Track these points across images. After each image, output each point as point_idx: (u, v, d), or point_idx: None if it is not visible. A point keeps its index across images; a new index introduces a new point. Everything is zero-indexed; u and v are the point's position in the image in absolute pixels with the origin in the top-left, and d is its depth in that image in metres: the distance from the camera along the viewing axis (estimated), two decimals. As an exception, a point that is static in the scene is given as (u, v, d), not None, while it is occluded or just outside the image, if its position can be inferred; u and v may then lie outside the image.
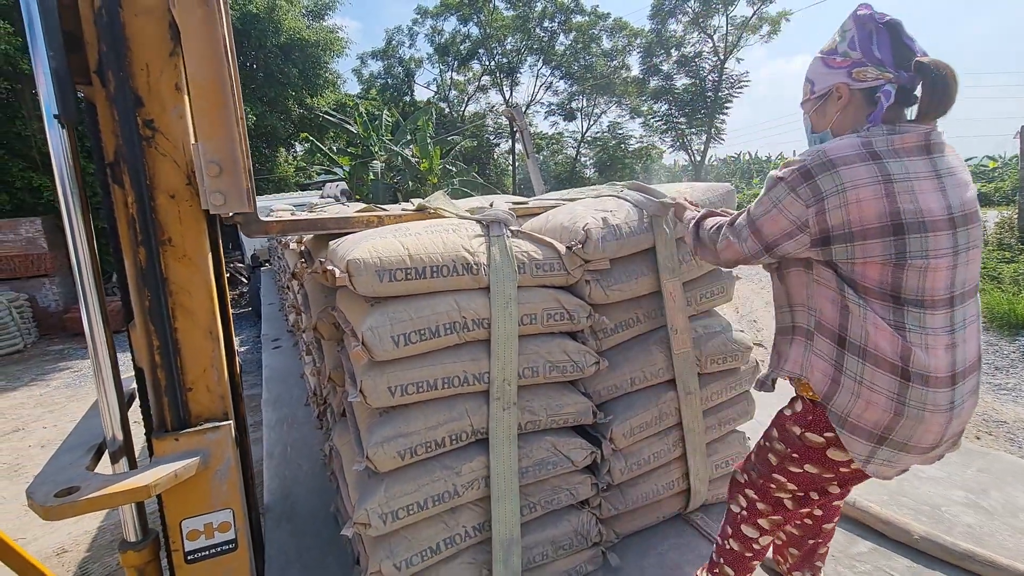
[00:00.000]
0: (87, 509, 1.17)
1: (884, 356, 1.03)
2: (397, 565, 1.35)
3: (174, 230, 1.28)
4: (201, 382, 1.37)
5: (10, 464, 5.18)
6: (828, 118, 1.17)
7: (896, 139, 1.03)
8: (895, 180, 1.00)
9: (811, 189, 1.04)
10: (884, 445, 1.07)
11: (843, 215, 1.01)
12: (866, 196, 0.99)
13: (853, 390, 1.07)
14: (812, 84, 1.19)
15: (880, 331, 1.03)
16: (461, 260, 1.42)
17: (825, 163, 1.02)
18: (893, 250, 1.00)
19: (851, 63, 1.10)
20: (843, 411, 1.09)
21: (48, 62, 1.13)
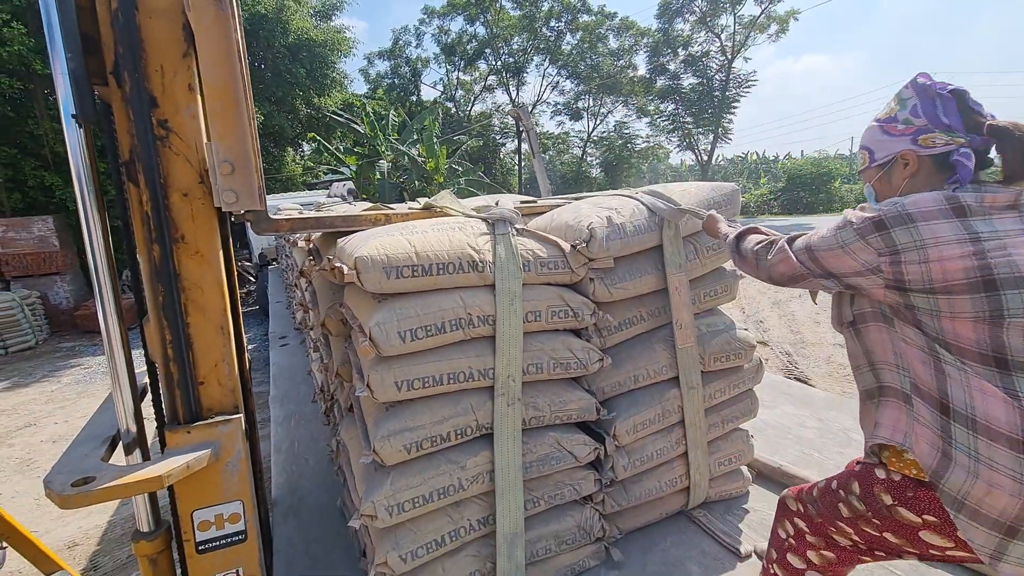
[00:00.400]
0: (102, 498, 1.20)
1: (1000, 428, 0.90)
2: (403, 557, 1.38)
3: (187, 228, 1.31)
4: (212, 376, 1.40)
5: (22, 459, 5.26)
6: (895, 186, 1.13)
7: (987, 197, 0.97)
8: (983, 239, 0.93)
9: (884, 240, 0.98)
10: (1017, 540, 0.90)
11: (922, 272, 0.95)
12: (950, 254, 0.93)
13: (968, 467, 0.93)
14: (871, 152, 1.16)
15: (990, 397, 0.91)
16: (467, 258, 1.44)
17: (902, 216, 0.96)
18: (987, 307, 0.91)
19: (915, 130, 1.08)
20: (959, 492, 0.93)
21: (66, 63, 1.17)
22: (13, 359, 8.55)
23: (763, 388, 2.66)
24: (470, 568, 1.50)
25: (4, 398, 6.90)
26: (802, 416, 2.79)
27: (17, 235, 9.41)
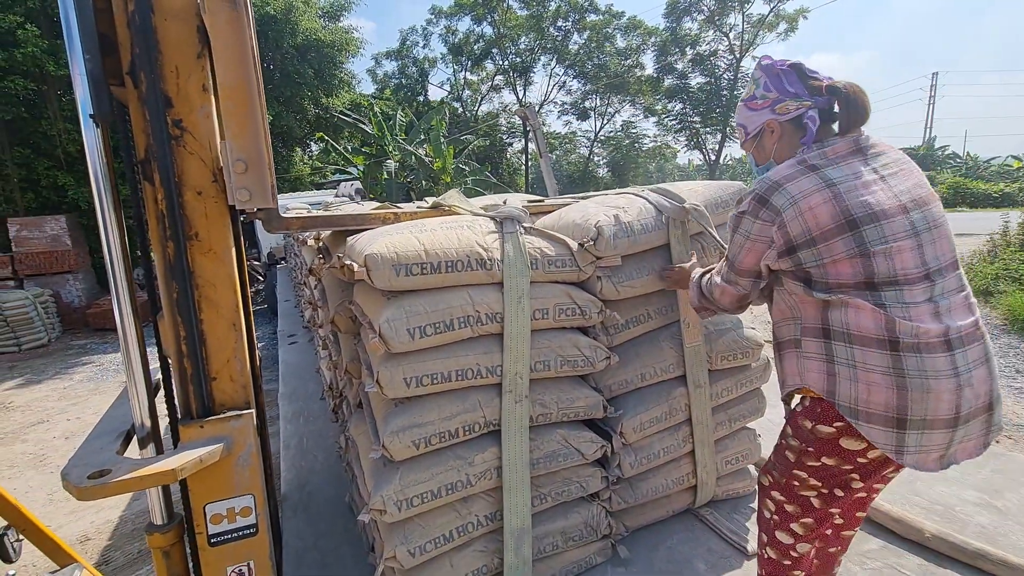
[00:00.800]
0: (118, 491, 1.22)
1: (869, 333, 1.08)
2: (411, 551, 1.40)
3: (200, 225, 1.34)
4: (225, 372, 1.43)
5: (35, 454, 5.34)
6: (768, 151, 1.32)
7: (828, 151, 1.17)
8: (837, 183, 1.11)
9: (769, 210, 1.16)
10: (908, 429, 1.06)
11: (801, 223, 1.11)
12: (816, 202, 1.10)
13: (850, 376, 1.10)
14: (745, 128, 1.35)
15: (861, 311, 1.08)
16: (475, 256, 1.46)
17: (772, 186, 1.16)
18: (854, 243, 1.08)
19: (771, 101, 1.27)
20: (850, 401, 1.10)
21: (84, 64, 1.19)
22: (26, 356, 8.67)
23: (771, 387, 2.66)
24: (478, 563, 1.52)
25: (18, 395, 7.00)
26: (810, 416, 2.77)
27: (31, 234, 9.54)
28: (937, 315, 1.07)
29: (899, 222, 1.09)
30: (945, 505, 1.96)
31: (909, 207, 1.11)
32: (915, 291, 1.08)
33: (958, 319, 1.09)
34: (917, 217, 1.11)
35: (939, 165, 33.73)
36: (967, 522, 1.86)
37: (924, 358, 1.05)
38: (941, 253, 1.12)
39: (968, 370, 1.07)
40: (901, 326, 1.05)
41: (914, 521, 1.75)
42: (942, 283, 1.11)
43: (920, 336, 1.05)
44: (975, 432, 1.11)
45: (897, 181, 1.14)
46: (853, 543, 1.76)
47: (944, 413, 1.05)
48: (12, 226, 9.45)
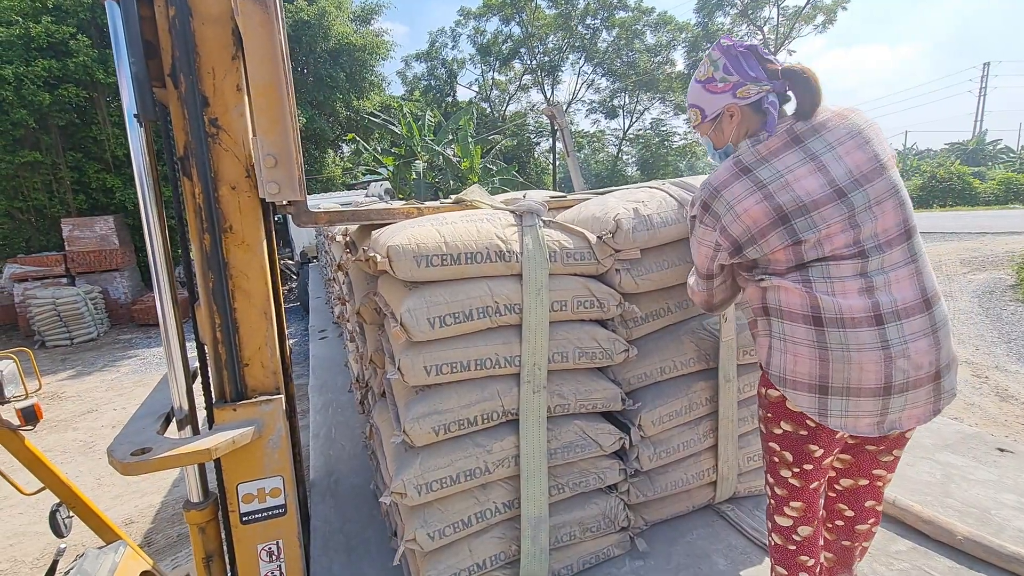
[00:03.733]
0: (158, 467, 1.31)
1: (795, 310, 1.17)
2: (431, 534, 1.44)
3: (235, 218, 1.41)
4: (256, 358, 1.50)
5: (85, 442, 5.65)
6: (726, 135, 1.32)
7: (762, 148, 1.20)
8: (768, 182, 1.16)
9: (712, 216, 1.24)
10: (830, 395, 1.15)
11: (740, 225, 1.19)
12: (749, 204, 1.17)
13: (781, 348, 1.21)
14: (702, 110, 1.34)
15: (789, 291, 1.18)
16: (494, 247, 1.49)
17: (712, 192, 1.23)
18: (787, 236, 1.15)
19: (732, 85, 1.26)
20: (780, 371, 1.21)
21: (129, 67, 1.28)
22: (77, 349, 9.17)
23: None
24: (496, 549, 1.55)
25: (69, 385, 7.42)
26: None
27: (82, 234, 10.07)
28: (868, 290, 1.13)
29: (831, 209, 1.13)
30: (981, 508, 1.89)
31: (848, 188, 1.14)
32: (843, 268, 1.14)
33: (897, 293, 1.13)
34: (857, 197, 1.14)
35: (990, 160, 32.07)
36: (1004, 525, 1.79)
37: (847, 332, 1.12)
38: (884, 229, 1.15)
39: (903, 343, 1.11)
40: (824, 303, 1.13)
41: (945, 523, 1.70)
42: (880, 258, 1.14)
43: (843, 312, 1.12)
44: (921, 399, 1.16)
45: (838, 162, 1.15)
46: (880, 543, 1.72)
47: (870, 383, 1.12)
48: (65, 226, 10.00)
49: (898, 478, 2.08)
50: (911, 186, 22.25)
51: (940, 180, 21.11)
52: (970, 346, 6.23)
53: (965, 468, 2.12)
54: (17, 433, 2.04)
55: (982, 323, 6.89)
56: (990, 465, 2.15)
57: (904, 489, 1.96)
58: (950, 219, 15.27)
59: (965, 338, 6.46)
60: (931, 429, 2.44)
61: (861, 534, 1.42)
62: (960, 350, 6.09)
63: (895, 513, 1.81)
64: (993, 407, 4.81)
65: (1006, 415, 4.66)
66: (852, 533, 1.41)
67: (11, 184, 10.50)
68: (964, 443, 2.31)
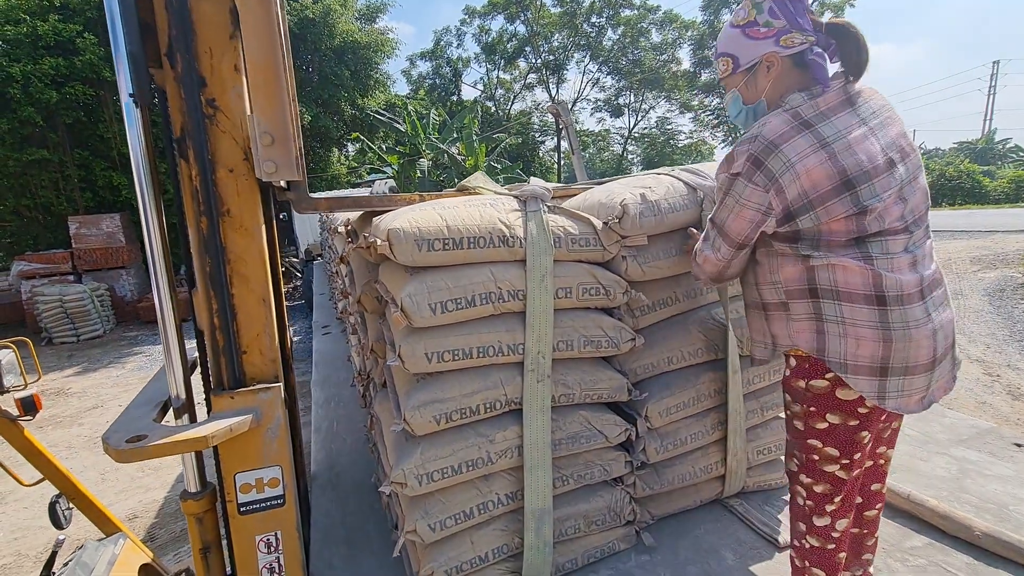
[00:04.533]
0: (153, 455, 1.28)
1: (857, 290, 1.09)
2: (431, 525, 1.40)
3: (232, 202, 1.38)
4: (255, 346, 1.47)
5: (90, 437, 5.67)
6: (759, 88, 1.20)
7: (820, 102, 1.10)
8: (831, 141, 1.07)
9: (765, 175, 1.09)
10: (890, 376, 1.10)
11: (798, 187, 1.07)
12: (812, 164, 1.06)
13: (839, 332, 1.11)
14: (735, 59, 1.21)
15: (847, 269, 1.09)
16: (497, 232, 1.45)
17: (767, 146, 1.08)
18: (851, 204, 1.06)
19: (777, 31, 1.13)
20: (840, 356, 1.12)
21: (125, 46, 1.25)
22: (84, 346, 9.21)
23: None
24: (498, 542, 1.51)
25: (76, 381, 7.44)
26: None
27: (88, 231, 10.12)
28: (914, 265, 1.10)
29: (888, 178, 1.08)
30: (998, 504, 1.84)
31: (895, 160, 1.10)
32: (897, 243, 1.10)
33: (926, 267, 1.12)
34: (902, 170, 1.10)
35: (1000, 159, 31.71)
36: (1023, 521, 1.74)
37: (906, 310, 1.08)
38: (917, 205, 1.13)
39: (937, 314, 1.11)
40: (887, 281, 1.07)
41: (962, 518, 1.65)
42: (917, 233, 1.13)
43: (903, 288, 1.07)
44: (946, 370, 1.16)
45: (884, 132, 1.11)
46: (895, 538, 1.68)
47: (924, 359, 1.09)
48: (72, 224, 10.06)
49: (912, 473, 2.03)
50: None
51: (949, 179, 20.90)
52: (981, 344, 6.13)
53: (981, 463, 2.07)
54: (16, 423, 2.03)
55: (993, 321, 6.79)
56: (1007, 460, 2.09)
57: (919, 484, 1.91)
58: (960, 217, 15.12)
59: (976, 336, 6.37)
60: (944, 424, 2.38)
61: (870, 520, 1.38)
62: (971, 348, 6.02)
63: (910, 508, 1.76)
64: (1005, 406, 4.73)
65: (1019, 413, 4.58)
66: (861, 520, 1.37)
67: (19, 182, 10.57)
68: (979, 438, 2.26)
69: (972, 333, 6.47)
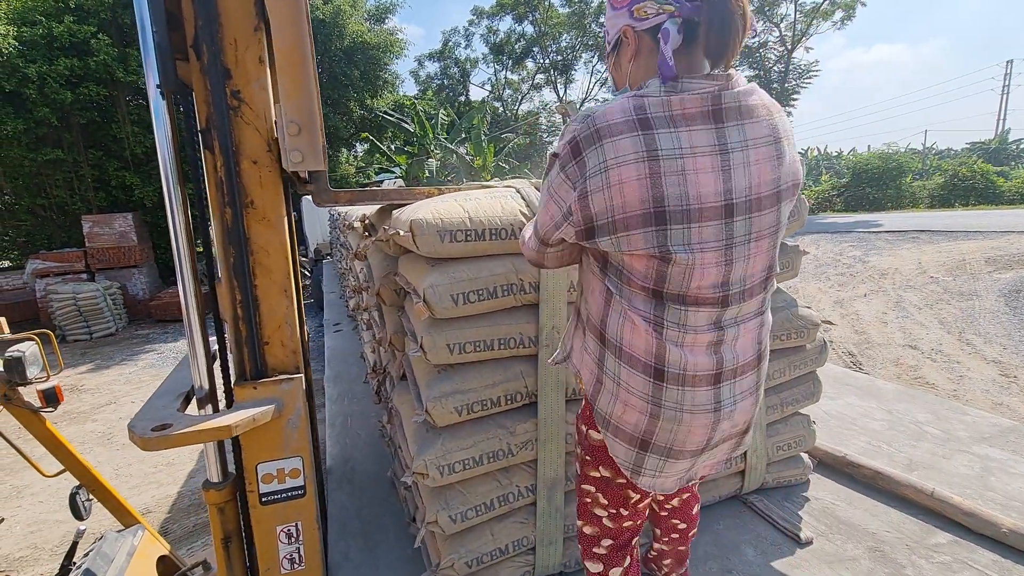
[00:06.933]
0: (178, 443, 1.29)
1: (638, 355, 0.93)
2: (452, 517, 1.40)
3: (256, 193, 1.39)
4: (276, 337, 1.48)
5: (103, 433, 5.73)
6: (624, 72, 0.96)
7: (676, 101, 0.83)
8: (662, 157, 0.81)
9: (578, 167, 0.86)
10: (650, 452, 0.98)
11: (605, 200, 0.84)
12: (628, 176, 0.81)
13: (612, 391, 0.98)
14: (606, 36, 0.99)
15: (636, 329, 0.92)
16: (519, 224, 1.45)
17: (592, 133, 0.84)
18: (655, 243, 0.84)
19: (629, 0, 0.89)
20: (605, 412, 1.01)
21: (153, 37, 1.26)
22: (97, 344, 9.31)
23: (827, 380, 2.54)
24: (518, 535, 1.51)
25: (89, 378, 7.52)
26: (869, 408, 2.62)
27: (101, 230, 10.22)
28: (716, 346, 0.93)
29: (714, 228, 0.85)
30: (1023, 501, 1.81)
31: (736, 210, 0.85)
32: (700, 314, 0.90)
33: (740, 351, 0.95)
34: (739, 225, 0.86)
35: (1014, 159, 31.34)
36: (1049, 521, 1.71)
37: (685, 392, 0.92)
38: (751, 273, 0.92)
39: (732, 403, 0.96)
40: (671, 356, 0.91)
41: (988, 515, 1.63)
42: (738, 308, 0.93)
43: (689, 369, 0.91)
44: (721, 453, 1.04)
45: (745, 170, 0.85)
46: (919, 535, 1.66)
47: (694, 445, 0.97)
48: (86, 223, 10.16)
49: (934, 470, 2.01)
50: (932, 184, 21.78)
51: (962, 179, 20.66)
52: (997, 345, 6.06)
53: (1005, 461, 2.04)
54: (38, 415, 2.05)
55: (1009, 322, 6.70)
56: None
57: (941, 482, 1.89)
58: (973, 218, 14.95)
59: (992, 337, 6.29)
60: (966, 422, 2.35)
61: (692, 535, 1.39)
62: (987, 349, 5.94)
63: (933, 505, 1.73)
64: (1023, 406, 4.66)
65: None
66: (687, 539, 1.38)
67: (34, 181, 10.70)
68: (1002, 436, 2.23)
69: (988, 334, 6.39)
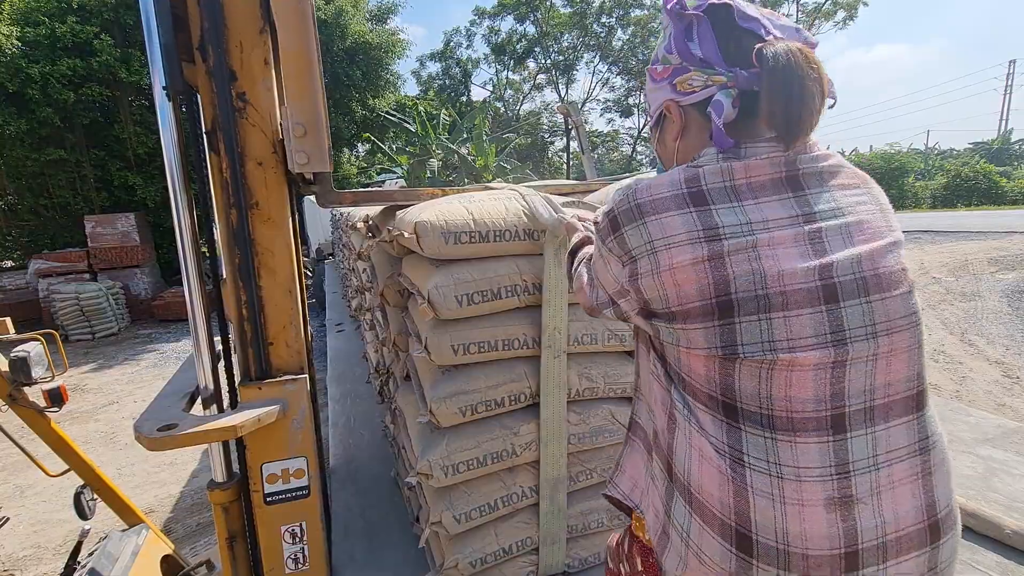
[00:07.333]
0: (185, 443, 1.29)
1: (711, 506, 0.67)
2: (456, 517, 1.41)
3: (261, 195, 1.40)
4: (281, 337, 1.48)
5: (106, 433, 5.74)
6: (670, 150, 0.84)
7: (738, 168, 0.69)
8: (725, 236, 0.66)
9: (619, 244, 0.73)
10: None
11: (658, 286, 0.69)
12: (681, 261, 0.66)
13: (680, 553, 0.71)
14: (649, 106, 0.89)
15: (705, 461, 0.68)
16: (523, 226, 1.45)
17: (632, 209, 0.71)
18: (719, 339, 0.65)
19: (672, 71, 0.78)
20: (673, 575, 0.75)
21: (159, 39, 1.27)
22: (99, 344, 9.33)
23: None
24: (522, 535, 1.52)
25: (91, 378, 7.53)
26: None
27: (104, 230, 10.25)
28: (842, 503, 0.63)
29: (810, 318, 0.63)
30: (1027, 504, 1.81)
31: (845, 291, 0.64)
32: (804, 447, 0.63)
33: (890, 508, 0.64)
34: (854, 312, 0.64)
35: (1016, 160, 31.29)
36: (1053, 522, 1.71)
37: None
38: (888, 381, 0.65)
39: None
40: (760, 515, 0.63)
41: (991, 516, 1.63)
42: (872, 435, 0.64)
43: (791, 542, 0.62)
44: None
45: (844, 240, 0.67)
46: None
47: None
48: (88, 223, 10.19)
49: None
50: (934, 185, 21.75)
51: (965, 179, 20.64)
52: (1000, 346, 6.05)
53: (1008, 463, 2.04)
54: (43, 415, 2.06)
55: (1012, 323, 6.70)
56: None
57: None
58: (976, 218, 14.93)
59: (995, 338, 6.28)
60: (969, 423, 2.35)
61: None
62: (990, 351, 5.94)
63: (936, 506, 1.74)
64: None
65: (1040, 416, 4.50)
66: None
67: (37, 181, 10.73)
68: (1005, 438, 2.23)
69: (991, 335, 6.38)
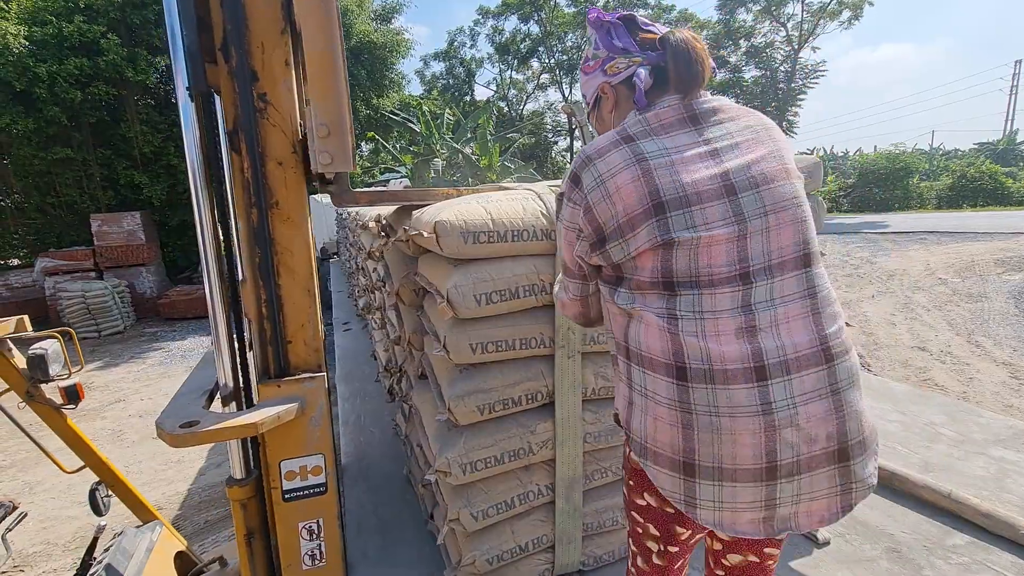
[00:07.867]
0: (206, 440, 1.31)
1: (657, 357, 0.88)
2: (474, 514, 1.42)
3: (281, 194, 1.41)
4: (299, 336, 1.50)
5: (113, 430, 5.77)
6: (606, 122, 1.13)
7: (651, 116, 0.97)
8: (650, 157, 0.92)
9: (578, 190, 0.98)
10: (699, 479, 0.85)
11: (609, 207, 0.92)
12: (624, 180, 0.91)
13: (642, 406, 0.92)
14: (585, 97, 1.19)
15: (650, 329, 0.89)
16: (541, 226, 1.46)
17: (584, 160, 0.98)
18: (657, 230, 0.88)
19: (601, 62, 1.10)
20: (641, 436, 0.92)
21: (182, 40, 1.28)
22: (105, 342, 9.38)
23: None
24: (538, 532, 1.53)
25: (98, 376, 7.58)
26: (883, 409, 2.63)
27: (110, 229, 10.30)
28: (748, 332, 0.85)
29: (718, 207, 0.88)
30: (1040, 505, 1.81)
31: (740, 187, 0.89)
32: (719, 296, 0.87)
33: (787, 336, 0.85)
34: (748, 199, 0.88)
35: (1022, 160, 31.14)
36: (1067, 523, 1.71)
37: (717, 391, 0.83)
38: (780, 246, 0.89)
39: (790, 406, 0.82)
40: (689, 348, 0.85)
41: (1006, 516, 1.63)
42: (769, 285, 0.87)
43: (713, 362, 0.84)
44: (822, 487, 0.85)
45: (735, 155, 0.92)
46: (936, 536, 1.66)
47: (747, 461, 0.83)
48: (94, 221, 10.24)
49: (951, 472, 2.01)
50: (940, 186, 21.67)
51: (970, 179, 20.56)
52: (1007, 348, 6.04)
53: (1020, 463, 2.04)
54: (60, 412, 2.08)
55: (1019, 324, 6.68)
56: (1048, 461, 2.07)
57: (958, 483, 1.89)
58: (982, 219, 14.88)
59: (1002, 340, 6.27)
60: (981, 424, 2.35)
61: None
62: (997, 352, 5.92)
63: (950, 506, 1.74)
64: (1034, 409, 4.65)
65: (1048, 417, 4.50)
66: None
67: (44, 180, 10.78)
68: (1017, 438, 2.23)
69: (998, 336, 6.37)
